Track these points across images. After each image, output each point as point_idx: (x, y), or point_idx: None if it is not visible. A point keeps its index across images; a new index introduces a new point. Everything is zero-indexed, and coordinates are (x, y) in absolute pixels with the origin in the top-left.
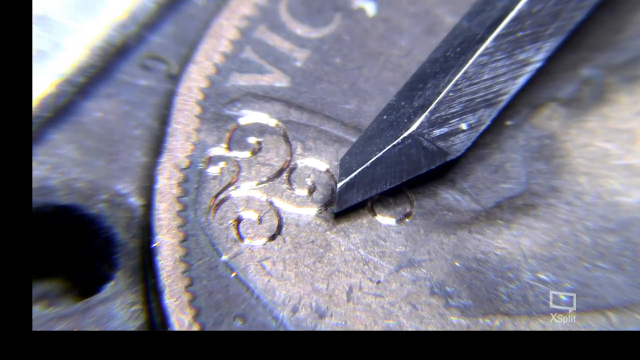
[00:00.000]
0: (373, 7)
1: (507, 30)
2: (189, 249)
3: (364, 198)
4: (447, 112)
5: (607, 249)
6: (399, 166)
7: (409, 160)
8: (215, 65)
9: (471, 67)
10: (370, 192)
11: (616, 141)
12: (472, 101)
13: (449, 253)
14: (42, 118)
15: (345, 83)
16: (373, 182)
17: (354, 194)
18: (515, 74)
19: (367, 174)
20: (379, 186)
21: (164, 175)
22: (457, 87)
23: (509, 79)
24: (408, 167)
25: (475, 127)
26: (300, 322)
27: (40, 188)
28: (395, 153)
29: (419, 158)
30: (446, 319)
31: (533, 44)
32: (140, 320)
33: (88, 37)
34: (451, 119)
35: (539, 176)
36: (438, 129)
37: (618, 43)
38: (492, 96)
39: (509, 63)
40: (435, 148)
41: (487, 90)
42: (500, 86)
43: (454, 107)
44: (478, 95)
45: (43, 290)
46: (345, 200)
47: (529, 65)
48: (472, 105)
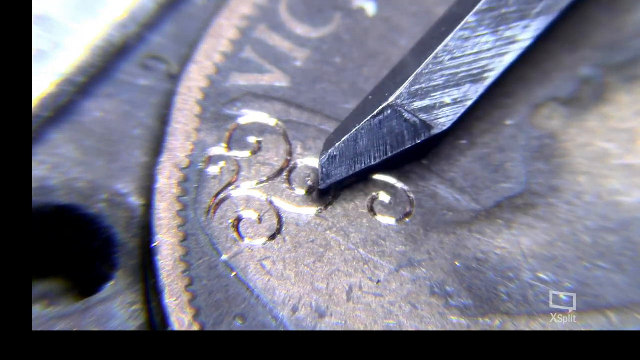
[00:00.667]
0: (373, 6)
1: (490, 6)
2: (189, 249)
3: (349, 173)
4: (428, 84)
5: (607, 249)
6: (382, 139)
7: (392, 133)
8: (215, 65)
9: (452, 40)
10: (355, 167)
11: (616, 141)
12: (455, 75)
13: (449, 253)
14: (42, 118)
15: (345, 83)
16: (356, 155)
17: (338, 168)
18: (502, 50)
19: (349, 147)
20: (363, 160)
21: (164, 175)
22: (438, 60)
23: (495, 56)
24: (391, 140)
25: (461, 101)
26: (300, 322)
27: (40, 188)
28: (376, 124)
29: (402, 131)
30: (446, 319)
31: (519, 22)
32: (140, 320)
33: (88, 37)
34: (433, 92)
35: (539, 176)
36: (419, 100)
37: (618, 43)
38: (477, 71)
39: (494, 39)
40: (418, 120)
41: (471, 65)
42: (485, 62)
43: (435, 80)
44: (462, 70)
45: (43, 290)
46: (328, 175)
47: (516, 43)
48: (455, 80)
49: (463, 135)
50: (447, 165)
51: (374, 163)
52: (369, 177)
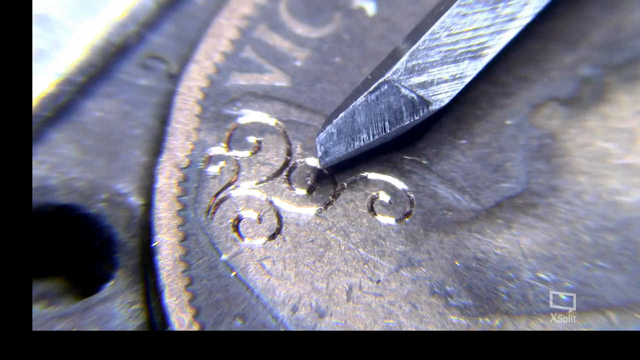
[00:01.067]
0: (373, 6)
1: None
2: (189, 248)
3: (348, 150)
4: (425, 60)
5: (607, 248)
6: (379, 115)
7: (390, 109)
8: (215, 65)
9: (449, 17)
10: (353, 144)
11: (616, 140)
12: (452, 51)
13: (449, 252)
14: (42, 117)
15: (345, 82)
16: (354, 132)
17: (336, 145)
18: (501, 27)
19: (347, 124)
20: (362, 137)
21: (164, 175)
22: (435, 37)
23: (494, 33)
24: (389, 116)
25: (459, 78)
26: (300, 322)
27: (40, 187)
28: (373, 100)
29: (399, 107)
30: (446, 319)
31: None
32: (140, 320)
33: (88, 37)
34: (430, 67)
35: (539, 175)
36: (416, 76)
37: (618, 42)
38: (476, 48)
39: (492, 17)
40: (416, 96)
41: (469, 41)
42: (484, 39)
43: (432, 57)
44: (459, 46)
45: (43, 290)
46: (327, 152)
47: (516, 20)
48: (453, 56)
49: (463, 135)
50: (447, 165)
51: (372, 140)
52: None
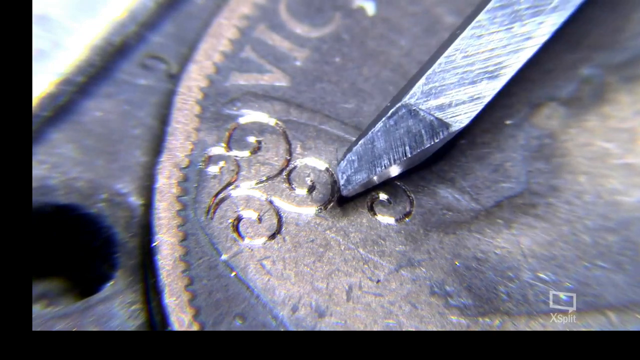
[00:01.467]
0: (372, 6)
1: (501, 4)
2: (189, 248)
3: (370, 177)
4: (442, 83)
5: (607, 248)
6: (399, 140)
7: (409, 133)
8: (215, 65)
9: (464, 39)
10: (374, 170)
11: (616, 140)
12: (469, 72)
13: (449, 252)
14: (42, 117)
15: (345, 82)
16: (375, 158)
17: (358, 173)
18: (517, 47)
19: (367, 150)
20: (382, 162)
21: (164, 175)
22: (450, 59)
23: (510, 52)
24: (409, 140)
25: (478, 98)
26: (300, 322)
27: (40, 187)
28: (391, 125)
29: (419, 130)
30: (446, 318)
31: (533, 18)
32: (140, 320)
33: (88, 37)
34: (447, 90)
35: (539, 175)
36: (434, 99)
37: (618, 42)
38: (492, 68)
39: (508, 36)
40: (434, 119)
41: (486, 62)
42: (500, 59)
43: (449, 79)
44: (476, 67)
45: (43, 290)
46: (349, 180)
47: (532, 39)
48: (470, 77)
49: (463, 135)
50: (447, 165)
51: (394, 165)
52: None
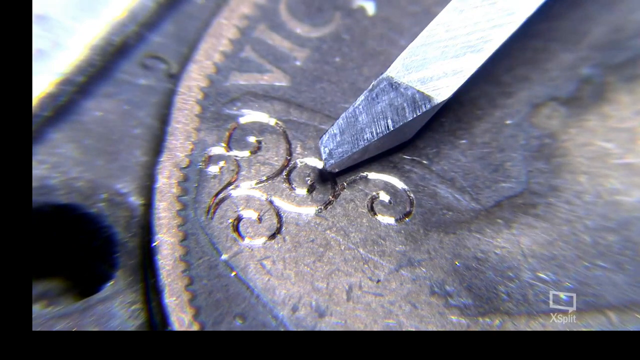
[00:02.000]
0: (373, 6)
1: None
2: (189, 248)
3: (352, 150)
4: (424, 56)
5: (607, 248)
6: (381, 113)
7: (391, 106)
8: (215, 65)
9: (445, 13)
10: (357, 144)
11: (616, 140)
12: (451, 47)
13: (449, 252)
14: (42, 117)
15: (345, 82)
16: (357, 132)
17: (341, 146)
18: (501, 21)
19: (349, 124)
20: (365, 136)
21: (164, 175)
22: (432, 32)
23: (494, 27)
24: (392, 114)
25: (460, 72)
26: (300, 321)
27: (40, 187)
28: (373, 98)
29: (401, 104)
30: (446, 318)
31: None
32: (140, 320)
33: (88, 37)
34: (429, 63)
35: (539, 175)
36: (415, 72)
37: (618, 42)
38: (475, 42)
39: (492, 10)
40: (416, 92)
41: (468, 36)
42: (483, 33)
43: (430, 52)
44: (458, 41)
45: (43, 290)
46: (331, 154)
47: (514, 14)
48: (452, 51)
49: (463, 135)
50: (447, 165)
51: (377, 138)
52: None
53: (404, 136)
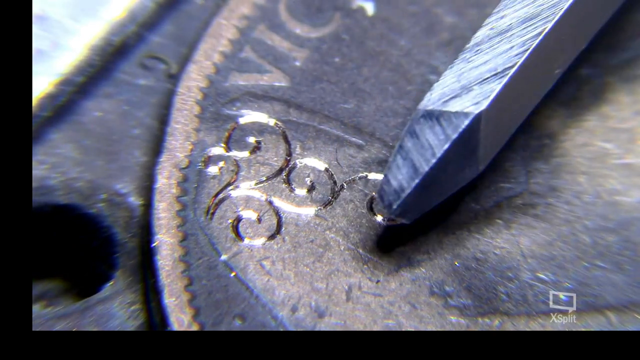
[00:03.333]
0: (372, 6)
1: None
2: (189, 249)
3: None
4: (452, 87)
5: (607, 249)
6: (428, 145)
7: (435, 135)
8: (214, 65)
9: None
10: (430, 202)
11: (615, 140)
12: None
13: (448, 252)
14: (42, 117)
15: (345, 82)
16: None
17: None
18: (519, 50)
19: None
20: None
21: (164, 175)
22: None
23: (518, 55)
24: (435, 141)
25: (488, 93)
26: (299, 322)
27: (40, 187)
28: (415, 134)
29: (440, 130)
30: (445, 319)
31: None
32: (139, 320)
33: (87, 37)
34: (457, 95)
35: (538, 176)
36: (451, 100)
37: (618, 42)
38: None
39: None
40: (452, 113)
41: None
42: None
43: (460, 83)
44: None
45: (42, 290)
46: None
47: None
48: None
49: None
50: None
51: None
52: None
53: (473, 168)
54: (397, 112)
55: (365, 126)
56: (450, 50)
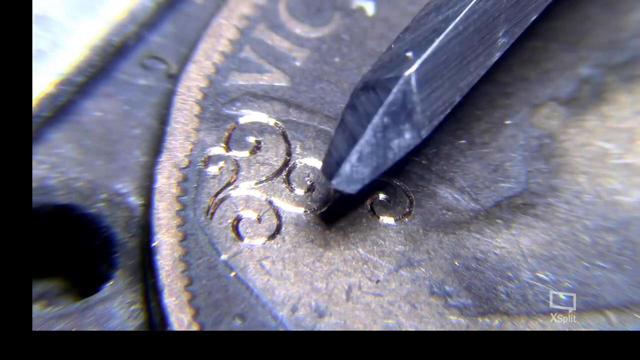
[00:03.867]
0: (372, 6)
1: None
2: (188, 249)
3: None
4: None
5: (607, 248)
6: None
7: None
8: (214, 65)
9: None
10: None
11: (615, 140)
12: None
13: (448, 252)
14: (42, 117)
15: (345, 82)
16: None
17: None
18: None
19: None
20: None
21: (163, 175)
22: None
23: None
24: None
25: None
26: (299, 322)
27: (40, 188)
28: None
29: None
30: (445, 319)
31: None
32: (139, 320)
33: (87, 37)
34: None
35: (538, 175)
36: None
37: (618, 42)
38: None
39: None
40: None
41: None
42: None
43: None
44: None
45: (42, 290)
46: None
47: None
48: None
49: (463, 135)
50: (447, 165)
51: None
52: None
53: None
54: None
55: None
56: None
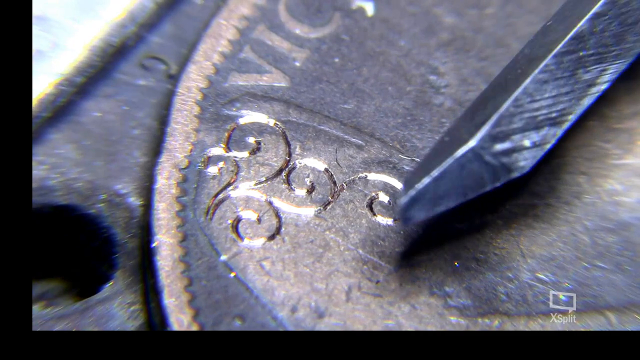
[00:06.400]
0: (372, 6)
1: (568, 49)
2: (188, 249)
3: (428, 215)
4: (509, 127)
5: (606, 249)
6: (461, 182)
7: (472, 176)
8: (214, 65)
9: (531, 83)
10: (434, 209)
11: (615, 141)
12: (534, 118)
13: (448, 252)
14: (41, 118)
15: (345, 83)
16: (436, 198)
17: (418, 211)
18: (580, 94)
19: (429, 190)
20: (443, 203)
21: (163, 175)
22: (518, 103)
23: (573, 99)
24: (471, 183)
25: (540, 145)
26: (299, 322)
27: (40, 188)
28: (456, 168)
29: (481, 174)
30: (445, 319)
31: (597, 65)
32: (139, 320)
33: (87, 37)
34: (513, 134)
35: (538, 176)
36: (500, 143)
37: None
38: (555, 115)
39: (572, 82)
40: (498, 164)
41: (550, 108)
42: (564, 105)
43: (515, 123)
44: (541, 112)
45: (42, 290)
46: (409, 217)
47: (594, 86)
48: (534, 123)
49: None
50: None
51: (452, 206)
52: None
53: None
54: (397, 113)
55: (365, 126)
56: (449, 51)
